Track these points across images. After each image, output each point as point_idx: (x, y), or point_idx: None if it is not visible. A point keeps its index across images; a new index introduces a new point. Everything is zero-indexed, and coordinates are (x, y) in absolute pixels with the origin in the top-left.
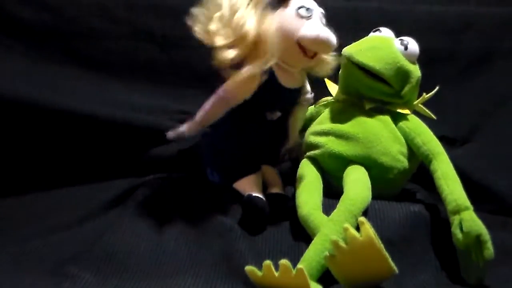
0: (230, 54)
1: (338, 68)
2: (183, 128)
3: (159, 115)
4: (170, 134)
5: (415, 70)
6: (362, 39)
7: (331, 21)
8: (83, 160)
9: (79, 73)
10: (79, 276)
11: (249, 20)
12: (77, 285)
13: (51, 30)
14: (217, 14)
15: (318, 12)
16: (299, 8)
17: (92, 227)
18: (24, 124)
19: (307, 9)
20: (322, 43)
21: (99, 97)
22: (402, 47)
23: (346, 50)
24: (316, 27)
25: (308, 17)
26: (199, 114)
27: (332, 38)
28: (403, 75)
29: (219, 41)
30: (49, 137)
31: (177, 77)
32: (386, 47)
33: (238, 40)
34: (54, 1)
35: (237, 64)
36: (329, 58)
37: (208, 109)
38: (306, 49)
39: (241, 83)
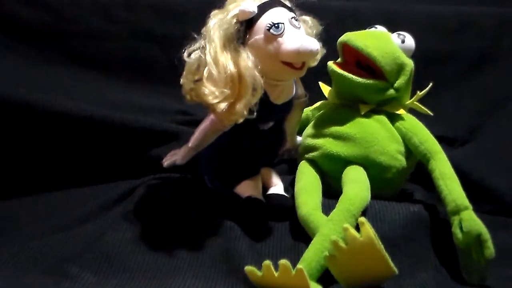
0: (222, 106)
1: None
2: (177, 156)
3: (159, 116)
4: (166, 163)
5: (410, 63)
6: (360, 31)
7: (332, 21)
8: (83, 161)
9: (79, 73)
10: (79, 276)
11: (229, 64)
12: (77, 285)
13: (50, 30)
14: (205, 74)
15: (287, 20)
16: (269, 28)
17: (92, 227)
18: (23, 125)
19: (277, 26)
20: (305, 54)
21: (99, 97)
22: (399, 41)
23: (344, 36)
24: (293, 40)
25: (281, 33)
26: (192, 140)
27: (313, 44)
28: (399, 66)
29: (212, 100)
30: (48, 138)
31: (177, 77)
32: (384, 38)
33: (229, 90)
34: (54, 1)
35: None
36: None
37: (202, 134)
38: (292, 64)
39: (234, 111)
